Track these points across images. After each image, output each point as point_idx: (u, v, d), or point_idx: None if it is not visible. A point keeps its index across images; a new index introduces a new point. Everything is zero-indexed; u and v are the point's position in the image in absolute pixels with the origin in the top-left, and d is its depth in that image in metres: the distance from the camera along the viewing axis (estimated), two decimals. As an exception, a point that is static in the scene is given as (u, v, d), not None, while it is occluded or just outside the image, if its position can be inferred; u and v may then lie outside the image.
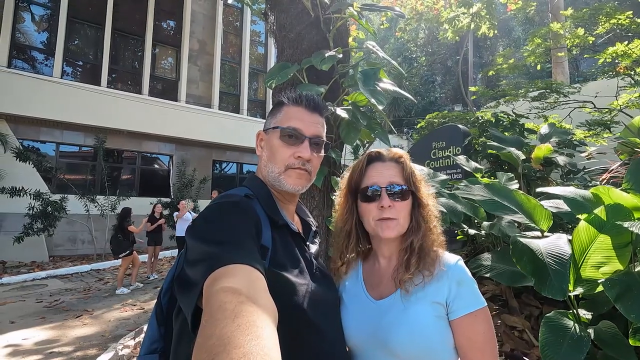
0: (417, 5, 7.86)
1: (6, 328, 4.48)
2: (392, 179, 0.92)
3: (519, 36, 19.74)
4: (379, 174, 0.93)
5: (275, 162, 0.87)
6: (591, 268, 1.42)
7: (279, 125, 0.88)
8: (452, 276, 0.87)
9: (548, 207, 1.72)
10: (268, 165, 0.89)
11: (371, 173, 0.95)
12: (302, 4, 2.28)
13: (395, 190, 0.91)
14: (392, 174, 0.93)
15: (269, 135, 0.90)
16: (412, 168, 0.95)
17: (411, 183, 0.93)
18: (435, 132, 4.58)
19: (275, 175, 0.87)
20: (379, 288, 0.94)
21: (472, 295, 0.86)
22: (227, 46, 13.57)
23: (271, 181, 0.88)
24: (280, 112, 0.90)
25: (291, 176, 0.87)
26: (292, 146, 0.86)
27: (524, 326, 1.99)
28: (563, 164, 2.88)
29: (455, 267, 0.89)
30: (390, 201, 0.90)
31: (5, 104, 8.80)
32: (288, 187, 0.86)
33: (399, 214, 0.91)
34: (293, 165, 0.86)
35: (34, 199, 8.26)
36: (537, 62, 5.90)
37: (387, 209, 0.89)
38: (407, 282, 0.88)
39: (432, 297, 0.86)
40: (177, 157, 11.98)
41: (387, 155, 0.97)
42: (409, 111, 20.71)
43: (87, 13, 10.71)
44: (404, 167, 0.94)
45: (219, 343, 0.42)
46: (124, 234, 6.38)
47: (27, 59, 10.05)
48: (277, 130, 0.88)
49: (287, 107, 0.90)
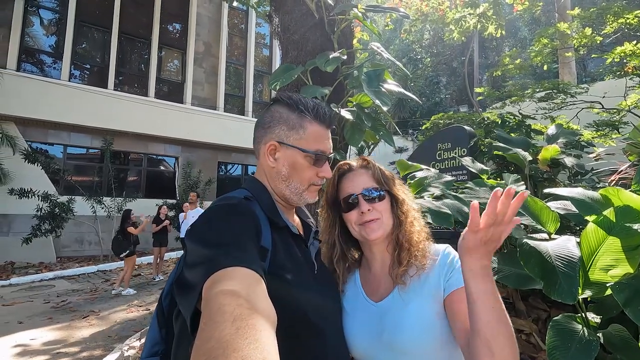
0: (422, 7, 7.84)
1: (15, 328, 4.53)
2: (365, 184, 0.97)
3: (525, 36, 19.60)
4: (352, 184, 0.98)
5: (301, 180, 0.89)
6: (600, 271, 1.39)
7: (304, 148, 0.87)
8: (443, 262, 0.90)
9: (555, 209, 1.69)
10: (290, 182, 0.88)
11: (345, 184, 1.00)
12: (306, 5, 2.28)
13: (371, 194, 0.96)
14: (364, 180, 0.98)
15: (290, 151, 0.87)
16: (380, 169, 1.00)
17: (383, 183, 0.98)
18: (441, 133, 4.55)
19: (299, 192, 0.89)
20: (377, 291, 0.95)
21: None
22: (232, 48, 13.65)
23: (290, 195, 0.89)
24: (302, 129, 0.88)
25: (312, 192, 0.91)
26: (317, 167, 0.90)
27: (531, 329, 1.96)
28: (570, 165, 2.84)
29: (445, 254, 0.92)
30: (368, 205, 0.95)
31: (14, 106, 8.93)
32: (309, 201, 0.91)
33: (381, 214, 0.95)
34: (316, 182, 0.91)
35: (42, 200, 8.36)
36: (544, 62, 5.85)
37: (366, 213, 0.94)
38: (403, 275, 0.90)
39: (429, 287, 0.88)
40: (183, 158, 12.06)
41: (355, 165, 1.02)
42: (414, 112, 20.64)
43: (95, 17, 10.85)
44: (373, 171, 0.99)
45: (218, 346, 0.42)
46: (124, 235, 6.48)
47: (36, 62, 10.19)
48: (302, 152, 0.87)
49: (310, 124, 0.88)
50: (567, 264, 1.34)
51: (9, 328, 4.52)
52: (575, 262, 1.33)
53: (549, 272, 1.36)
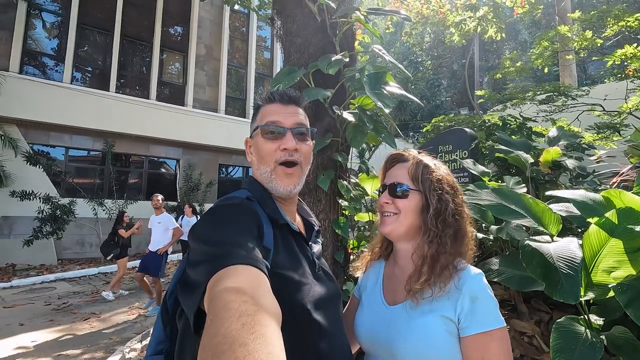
0: (422, 10, 7.86)
1: (16, 330, 4.53)
2: (398, 177, 0.94)
3: (526, 39, 19.66)
4: (390, 174, 0.98)
5: (264, 161, 0.87)
6: (602, 273, 1.40)
7: (258, 124, 0.89)
8: (466, 291, 0.81)
9: (557, 211, 1.70)
10: (260, 169, 0.88)
11: (388, 173, 1.00)
12: (308, 9, 2.29)
13: (396, 188, 0.93)
14: (400, 174, 0.95)
15: (254, 138, 0.91)
16: (423, 167, 0.92)
17: (418, 182, 0.91)
18: (442, 136, 4.55)
19: (267, 176, 0.86)
20: (394, 293, 0.93)
21: (488, 313, 0.79)
22: (233, 51, 13.69)
23: (265, 184, 0.88)
24: (258, 114, 0.92)
25: (280, 176, 0.85)
26: (275, 140, 0.86)
27: (534, 332, 1.96)
28: (572, 167, 2.84)
29: (471, 283, 0.82)
30: (389, 198, 0.93)
31: (16, 109, 8.96)
32: (280, 189, 0.86)
33: (399, 211, 0.91)
34: (280, 158, 0.85)
35: (44, 202, 8.37)
36: (545, 65, 5.86)
37: (384, 205, 0.93)
38: (417, 292, 0.84)
39: (440, 311, 0.82)
40: (184, 161, 12.07)
41: (403, 157, 0.99)
42: (414, 115, 20.66)
43: (97, 20, 10.90)
44: (414, 167, 0.93)
45: (224, 341, 0.42)
46: (114, 236, 6.46)
47: (38, 65, 10.23)
48: (258, 130, 0.89)
49: (263, 107, 0.92)
50: (569, 265, 1.35)
51: (10, 330, 4.52)
52: (578, 263, 1.33)
53: (550, 273, 1.36)
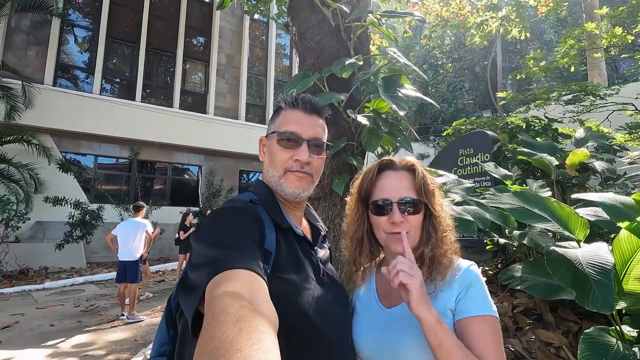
0: (442, 12, 7.75)
1: (47, 330, 4.73)
2: (404, 192, 0.89)
3: (551, 39, 19.00)
4: (390, 186, 0.91)
5: (275, 166, 0.87)
6: (634, 281, 1.31)
7: (276, 130, 0.88)
8: (462, 280, 0.85)
9: (585, 215, 1.61)
10: (269, 170, 0.89)
11: (383, 184, 0.92)
12: (322, 13, 2.30)
13: (407, 204, 0.88)
14: (404, 186, 0.90)
15: (269, 140, 0.90)
16: (424, 177, 0.91)
17: (423, 194, 0.89)
18: (463, 139, 4.45)
19: (275, 180, 0.87)
20: (390, 296, 0.92)
21: (482, 299, 0.82)
22: (253, 59, 13.98)
23: (273, 186, 0.88)
24: (279, 117, 0.91)
25: (290, 179, 0.86)
26: (290, 150, 0.86)
27: (561, 342, 1.86)
28: (601, 169, 2.70)
29: (466, 272, 0.86)
30: (401, 216, 0.87)
31: (50, 119, 9.50)
32: (288, 190, 0.85)
33: (411, 228, 0.88)
34: (292, 168, 0.86)
35: (74, 208, 8.77)
36: (571, 63, 5.64)
37: (398, 225, 0.87)
38: None
39: (442, 304, 0.83)
40: (206, 167, 12.37)
41: (399, 164, 0.94)
42: (435, 119, 20.33)
43: (124, 33, 11.43)
44: (416, 177, 0.90)
45: (221, 346, 0.42)
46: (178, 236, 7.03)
47: (70, 77, 10.81)
48: (274, 135, 0.88)
49: (285, 112, 0.90)
50: (601, 272, 1.27)
51: (41, 330, 4.72)
52: (610, 270, 1.25)
53: (580, 280, 1.29)
